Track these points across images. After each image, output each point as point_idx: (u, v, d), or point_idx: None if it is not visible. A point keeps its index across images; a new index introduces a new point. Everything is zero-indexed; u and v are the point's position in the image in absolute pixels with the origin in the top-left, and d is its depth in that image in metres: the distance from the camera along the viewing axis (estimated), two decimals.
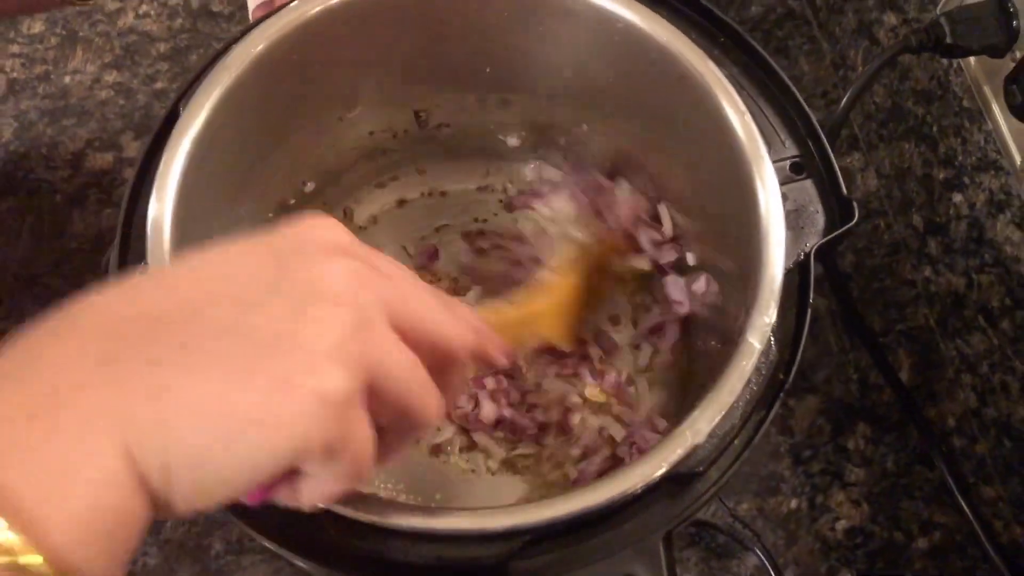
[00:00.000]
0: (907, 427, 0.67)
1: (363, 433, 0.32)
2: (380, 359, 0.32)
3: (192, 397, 0.29)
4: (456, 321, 0.36)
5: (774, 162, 0.47)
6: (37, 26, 0.78)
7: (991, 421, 0.65)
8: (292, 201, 0.60)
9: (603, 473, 0.56)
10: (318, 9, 0.49)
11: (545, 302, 0.55)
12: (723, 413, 0.39)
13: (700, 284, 0.55)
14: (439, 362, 0.35)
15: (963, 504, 0.64)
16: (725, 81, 0.45)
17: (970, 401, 0.67)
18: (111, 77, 0.77)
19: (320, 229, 0.34)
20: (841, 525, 0.65)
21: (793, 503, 0.65)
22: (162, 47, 0.78)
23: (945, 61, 0.63)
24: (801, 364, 0.68)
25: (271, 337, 0.30)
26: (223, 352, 0.30)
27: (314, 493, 0.32)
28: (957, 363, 0.68)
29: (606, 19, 0.49)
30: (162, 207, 0.44)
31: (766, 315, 0.41)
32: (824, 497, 0.66)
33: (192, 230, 0.46)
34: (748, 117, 0.45)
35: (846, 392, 0.69)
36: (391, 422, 0.34)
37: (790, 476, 0.66)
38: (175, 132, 0.45)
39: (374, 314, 0.32)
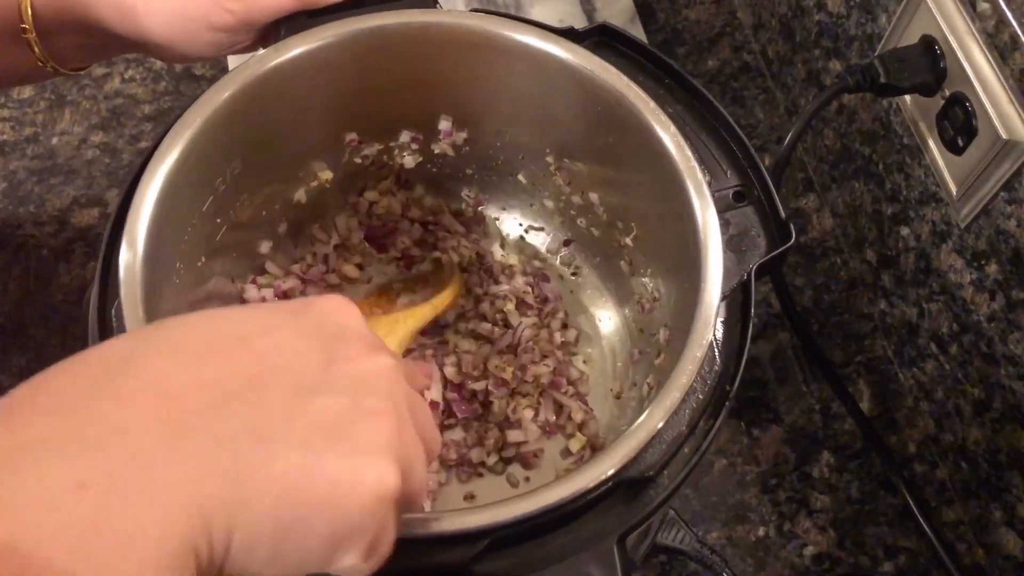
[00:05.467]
0: (869, 455, 0.69)
1: (393, 534, 0.33)
2: (410, 455, 0.34)
3: (266, 480, 0.29)
4: (435, 428, 0.39)
5: (717, 191, 0.51)
6: (27, 91, 0.82)
7: (949, 445, 0.67)
8: (268, 242, 0.63)
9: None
10: (276, 61, 0.52)
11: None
12: (663, 422, 0.41)
13: None
14: None
15: (926, 528, 0.66)
16: (661, 113, 0.49)
17: (928, 427, 0.69)
18: (97, 138, 0.80)
19: (344, 314, 0.36)
20: (809, 551, 0.66)
21: (761, 531, 0.67)
22: (146, 108, 0.82)
23: (886, 102, 0.67)
24: (766, 396, 0.72)
25: (333, 424, 0.31)
26: (292, 435, 0.30)
27: None
28: (915, 391, 0.70)
29: (547, 61, 0.53)
30: (133, 245, 0.47)
31: (707, 330, 0.43)
32: (791, 524, 0.67)
33: (165, 266, 0.49)
34: (683, 143, 0.48)
35: (809, 422, 0.71)
36: None
37: (757, 504, 0.68)
38: (143, 179, 0.48)
39: (405, 410, 0.35)
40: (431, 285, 0.66)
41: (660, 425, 0.41)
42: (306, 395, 0.32)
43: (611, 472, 0.40)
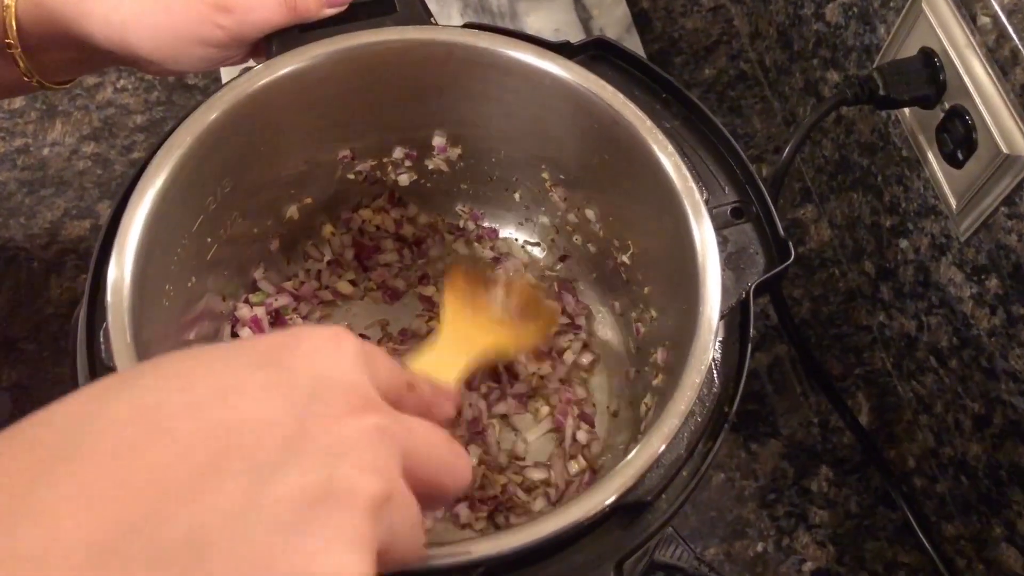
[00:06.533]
0: (868, 469, 0.69)
1: None
2: (397, 525, 0.31)
3: None
4: (457, 464, 0.35)
5: (715, 207, 0.50)
6: (17, 101, 0.81)
7: (949, 460, 0.66)
8: (259, 259, 0.62)
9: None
10: (267, 79, 0.52)
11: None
12: (663, 448, 0.40)
13: None
14: (433, 497, 0.35)
15: (926, 543, 0.65)
16: (658, 132, 0.48)
17: (928, 441, 0.68)
18: (89, 148, 0.79)
19: (329, 359, 0.32)
20: (807, 567, 0.66)
21: (759, 546, 0.66)
22: (139, 119, 0.81)
23: (885, 114, 0.66)
24: (764, 410, 0.71)
25: (289, 516, 0.28)
26: (236, 538, 0.27)
27: None
28: (914, 404, 0.70)
29: (542, 78, 0.53)
30: (121, 269, 0.46)
31: (705, 354, 0.43)
32: (790, 539, 0.67)
33: (154, 288, 0.48)
34: (681, 163, 0.47)
35: (808, 436, 0.70)
36: None
37: (755, 520, 0.67)
38: (131, 200, 0.47)
39: (394, 481, 0.31)
40: (524, 312, 0.58)
41: (659, 451, 0.41)
42: (261, 481, 0.28)
43: (609, 501, 0.40)
